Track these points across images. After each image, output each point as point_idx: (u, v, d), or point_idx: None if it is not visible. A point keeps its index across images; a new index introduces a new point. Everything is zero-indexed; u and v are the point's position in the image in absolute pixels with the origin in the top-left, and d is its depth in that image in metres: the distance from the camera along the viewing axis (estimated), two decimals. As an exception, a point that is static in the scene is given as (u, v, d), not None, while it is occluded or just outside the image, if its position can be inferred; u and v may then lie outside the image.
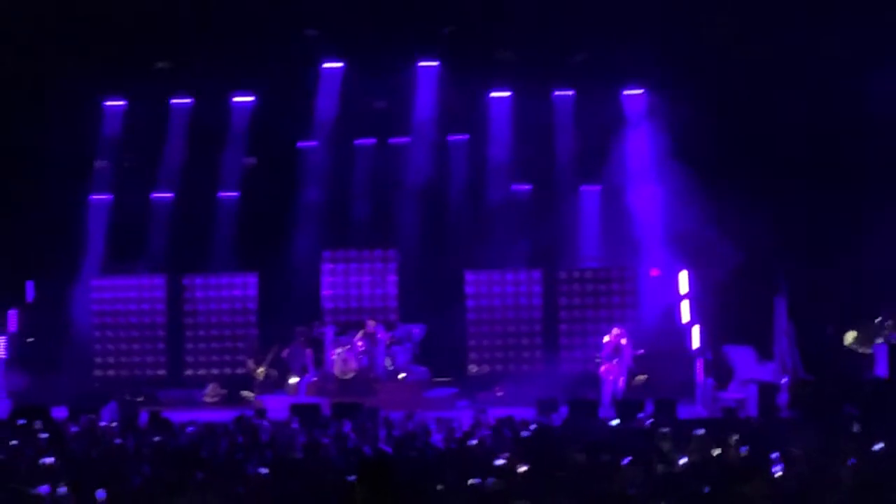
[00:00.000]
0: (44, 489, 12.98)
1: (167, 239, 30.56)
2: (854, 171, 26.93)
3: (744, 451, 15.93)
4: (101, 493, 12.44)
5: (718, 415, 23.36)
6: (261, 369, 29.19)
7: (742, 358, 27.35)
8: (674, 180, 28.24)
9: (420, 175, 30.35)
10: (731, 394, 26.47)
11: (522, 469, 14.37)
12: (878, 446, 16.28)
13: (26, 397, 27.46)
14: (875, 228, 26.01)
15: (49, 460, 16.56)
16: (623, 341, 27.17)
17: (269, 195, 30.36)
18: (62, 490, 12.90)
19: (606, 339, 27.31)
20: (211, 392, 29.74)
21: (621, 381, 27.04)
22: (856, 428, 19.49)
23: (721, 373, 27.51)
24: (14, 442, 18.59)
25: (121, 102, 30.70)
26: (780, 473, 13.81)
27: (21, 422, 22.40)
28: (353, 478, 13.75)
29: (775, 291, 26.32)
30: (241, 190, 30.91)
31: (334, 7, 28.17)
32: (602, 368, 27.12)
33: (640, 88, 29.94)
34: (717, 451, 15.94)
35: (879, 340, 25.03)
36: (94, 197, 30.68)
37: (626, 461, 14.73)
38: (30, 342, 29.63)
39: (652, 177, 29.30)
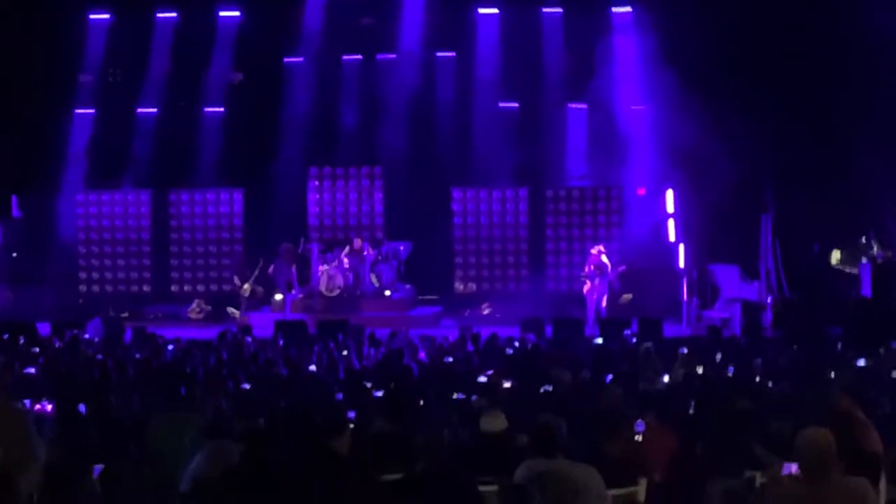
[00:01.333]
0: (27, 402, 13.00)
1: (152, 154, 30.36)
2: (844, 90, 26.78)
3: (731, 371, 15.98)
4: (82, 408, 12.44)
5: (703, 333, 23.39)
6: (246, 286, 29.16)
7: (727, 277, 27.40)
8: (662, 99, 28.12)
9: (406, 92, 30.15)
10: (716, 313, 26.55)
11: (506, 385, 14.42)
12: (861, 362, 16.39)
13: (10, 312, 27.47)
14: (863, 149, 25.95)
15: (31, 371, 16.61)
16: (604, 258, 27.15)
17: (254, 111, 30.20)
18: (46, 404, 12.91)
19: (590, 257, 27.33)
20: (195, 308, 29.74)
21: (604, 300, 27.06)
22: (839, 346, 19.61)
23: (706, 291, 27.59)
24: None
25: (106, 16, 30.39)
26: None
27: (5, 336, 22.38)
28: (339, 395, 13.87)
29: (762, 210, 26.34)
30: (227, 106, 30.71)
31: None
32: (585, 287, 27.12)
33: (627, 6, 29.73)
34: (700, 369, 15.99)
35: (864, 260, 25.06)
36: (79, 111, 30.44)
37: (608, 378, 14.80)
38: (14, 257, 29.52)
39: (639, 95, 29.19)
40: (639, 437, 11.03)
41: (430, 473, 8.74)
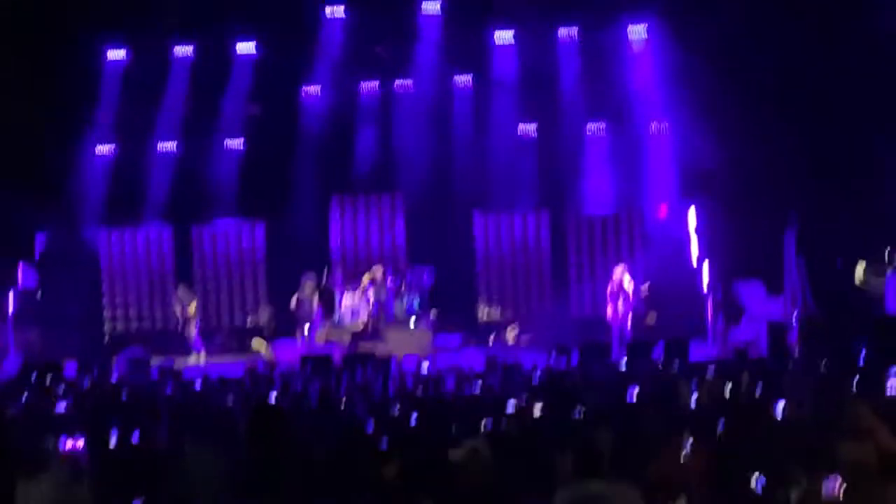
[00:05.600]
0: (60, 442, 12.99)
1: (172, 189, 30.44)
2: (867, 102, 26.72)
3: (758, 392, 15.89)
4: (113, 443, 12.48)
5: (729, 354, 23.31)
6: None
7: (752, 294, 27.32)
8: (681, 115, 28.13)
9: (425, 117, 30.21)
10: (742, 331, 26.45)
11: (537, 411, 14.38)
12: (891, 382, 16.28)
13: (37, 353, 27.51)
14: (886, 161, 25.89)
15: (62, 409, 16.63)
16: (627, 279, 27.09)
17: (273, 142, 30.20)
18: (78, 441, 12.91)
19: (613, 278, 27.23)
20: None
21: (628, 321, 26.99)
22: (863, 363, 19.52)
23: (731, 309, 27.50)
24: (26, 396, 18.63)
25: (122, 52, 30.50)
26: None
27: (33, 376, 22.42)
28: (370, 427, 13.84)
29: (785, 225, 26.25)
30: (246, 138, 30.78)
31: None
32: (609, 310, 27.05)
33: (644, 22, 29.71)
34: (728, 389, 15.94)
35: (890, 272, 24.94)
36: (98, 148, 30.52)
37: (631, 397, 14.78)
38: (38, 298, 29.57)
39: (659, 112, 29.20)
40: (684, 456, 10.99)
41: (471, 496, 8.72)
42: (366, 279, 28.73)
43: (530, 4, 29.35)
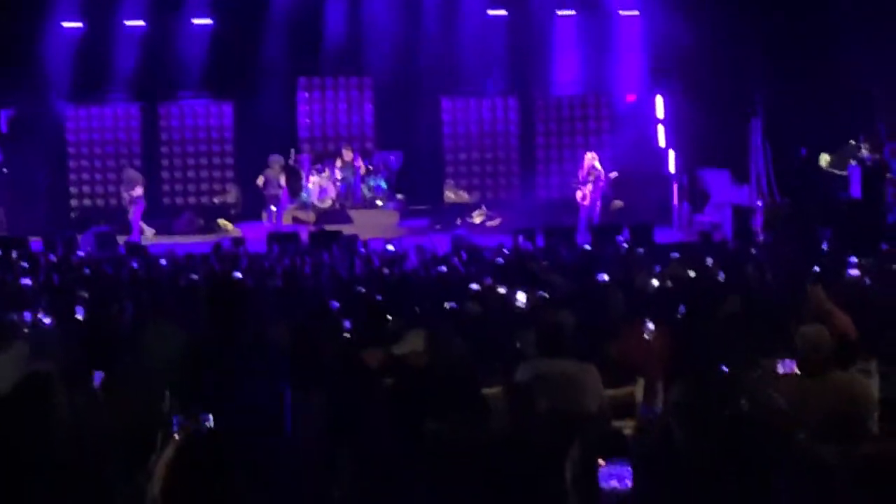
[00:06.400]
0: (25, 315, 13.04)
1: (140, 67, 30.14)
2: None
3: (721, 276, 16.02)
4: (80, 312, 12.57)
5: (694, 238, 23.49)
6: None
7: (718, 181, 27.47)
8: (651, 3, 28.05)
9: (394, 1, 29.98)
10: (707, 217, 26.63)
11: (501, 291, 14.48)
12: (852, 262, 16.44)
13: (2, 228, 27.47)
14: (852, 49, 25.89)
15: (27, 282, 16.64)
16: (597, 165, 27.16)
17: (243, 21, 29.90)
18: (42, 316, 12.97)
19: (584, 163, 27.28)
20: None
21: (597, 206, 27.11)
22: (826, 247, 19.73)
23: (696, 196, 27.65)
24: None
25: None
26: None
27: (-2, 252, 22.45)
28: (335, 304, 13.91)
29: (751, 114, 26.30)
30: (215, 17, 30.44)
31: None
32: (578, 194, 27.16)
33: None
34: (692, 274, 16.06)
35: (853, 162, 25.07)
36: (66, 24, 30.17)
37: (601, 280, 14.89)
38: (4, 173, 29.42)
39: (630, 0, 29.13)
40: (647, 337, 11.11)
41: (437, 376, 8.79)
42: (336, 162, 28.71)
43: None
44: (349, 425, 7.79)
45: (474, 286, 14.99)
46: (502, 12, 30.18)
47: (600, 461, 6.02)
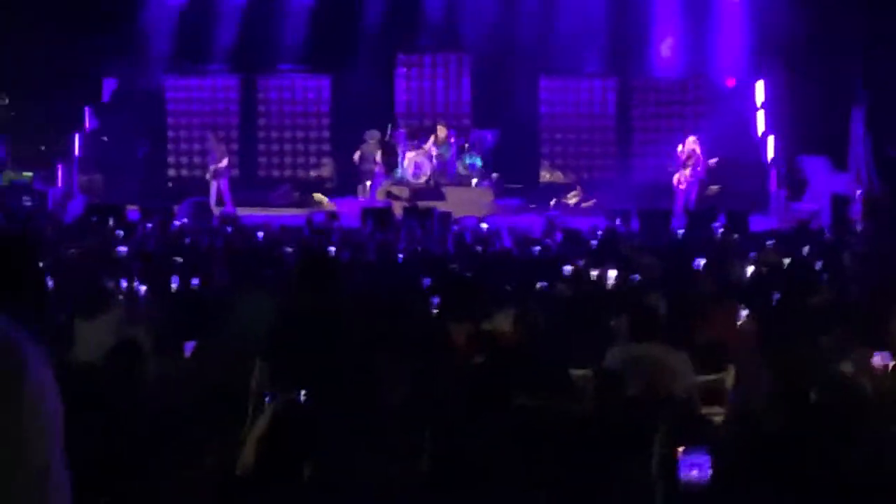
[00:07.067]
0: (121, 283, 13.21)
1: (240, 39, 30.36)
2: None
3: (818, 266, 15.83)
4: (175, 282, 12.72)
5: (792, 226, 23.24)
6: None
7: (816, 169, 27.16)
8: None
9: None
10: (805, 205, 26.34)
11: (594, 273, 14.44)
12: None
13: (101, 196, 27.79)
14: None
15: (123, 250, 16.84)
16: (697, 150, 26.92)
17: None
18: (138, 284, 13.12)
19: (680, 148, 27.03)
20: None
21: (694, 191, 26.88)
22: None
23: (795, 183, 27.36)
24: (88, 238, 18.87)
25: None
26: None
27: (94, 219, 22.69)
28: (426, 281, 13.94)
29: (853, 102, 25.98)
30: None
31: None
32: (675, 178, 26.95)
33: None
34: (787, 261, 15.92)
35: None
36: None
37: (697, 266, 14.80)
38: (104, 141, 29.75)
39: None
40: (739, 324, 11.03)
41: (525, 354, 8.79)
42: (431, 138, 28.72)
43: None
44: (435, 400, 7.81)
45: (567, 268, 14.96)
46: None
47: (679, 450, 5.99)
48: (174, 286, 13.21)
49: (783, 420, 6.44)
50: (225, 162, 27.88)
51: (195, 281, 13.49)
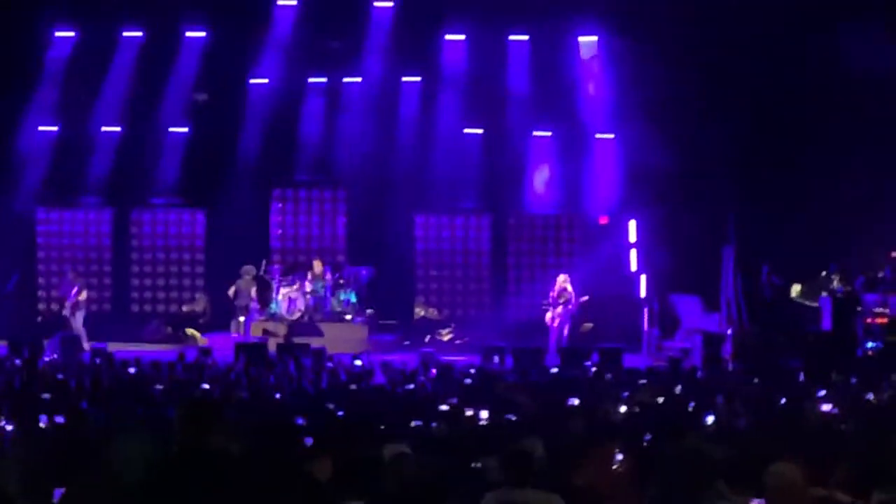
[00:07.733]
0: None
1: (114, 172, 30.17)
2: (809, 124, 26.99)
3: (692, 406, 15.89)
4: (43, 420, 12.40)
5: (664, 364, 23.43)
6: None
7: (688, 307, 27.51)
8: (627, 128, 28.25)
9: (372, 116, 30.14)
10: (677, 343, 26.60)
11: (468, 413, 14.37)
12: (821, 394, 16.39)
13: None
14: (826, 182, 26.16)
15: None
16: (568, 288, 27.15)
17: (219, 131, 30.02)
18: (4, 423, 12.80)
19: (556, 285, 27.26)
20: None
21: (567, 329, 27.06)
22: (799, 379, 19.66)
23: (667, 322, 27.66)
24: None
25: (71, 33, 30.13)
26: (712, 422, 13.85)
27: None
28: (300, 420, 13.77)
29: (724, 241, 26.43)
30: (191, 125, 30.55)
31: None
32: (548, 315, 27.13)
33: (594, 35, 29.76)
34: (660, 400, 15.98)
35: (825, 294, 25.17)
36: (41, 128, 30.19)
37: (569, 404, 14.80)
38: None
39: (605, 123, 29.29)
40: (614, 466, 10.99)
41: (399, 498, 8.68)
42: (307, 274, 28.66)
43: (483, 9, 29.22)
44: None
45: (443, 406, 14.88)
46: (478, 130, 30.32)
47: None
48: (42, 424, 12.90)
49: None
50: (84, 295, 27.59)
51: (60, 419, 13.17)
